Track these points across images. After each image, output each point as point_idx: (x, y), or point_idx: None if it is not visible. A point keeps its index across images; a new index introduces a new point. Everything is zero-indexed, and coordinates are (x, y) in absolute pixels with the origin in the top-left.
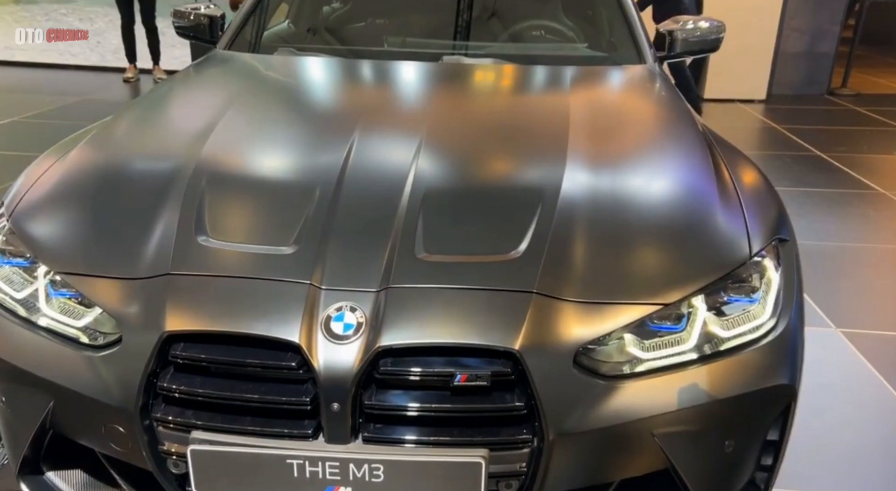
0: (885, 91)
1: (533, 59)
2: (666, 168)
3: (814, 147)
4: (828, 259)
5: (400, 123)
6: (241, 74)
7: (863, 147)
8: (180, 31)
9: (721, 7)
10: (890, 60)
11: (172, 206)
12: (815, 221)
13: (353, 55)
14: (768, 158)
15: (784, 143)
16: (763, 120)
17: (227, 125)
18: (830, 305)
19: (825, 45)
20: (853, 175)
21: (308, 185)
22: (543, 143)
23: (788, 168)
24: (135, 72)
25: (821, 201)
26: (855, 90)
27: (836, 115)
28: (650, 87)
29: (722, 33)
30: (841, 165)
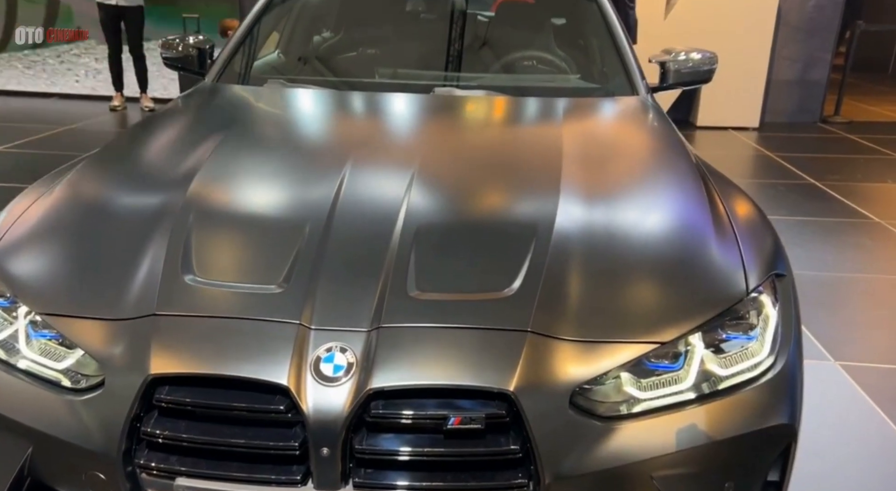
0: (878, 119)
1: (525, 90)
2: (660, 202)
3: (808, 175)
4: (825, 290)
5: (391, 157)
6: (230, 107)
7: (857, 175)
8: (168, 63)
9: (713, 35)
10: (881, 88)
11: (159, 244)
12: (811, 251)
13: (343, 87)
14: (763, 187)
15: (778, 171)
16: (757, 148)
17: (216, 160)
18: (829, 337)
19: (817, 74)
20: (848, 204)
21: (298, 221)
22: (537, 177)
23: (783, 197)
24: (121, 100)
25: (816, 231)
26: (847, 118)
27: (830, 143)
28: (643, 118)
29: (714, 65)
30: (836, 194)
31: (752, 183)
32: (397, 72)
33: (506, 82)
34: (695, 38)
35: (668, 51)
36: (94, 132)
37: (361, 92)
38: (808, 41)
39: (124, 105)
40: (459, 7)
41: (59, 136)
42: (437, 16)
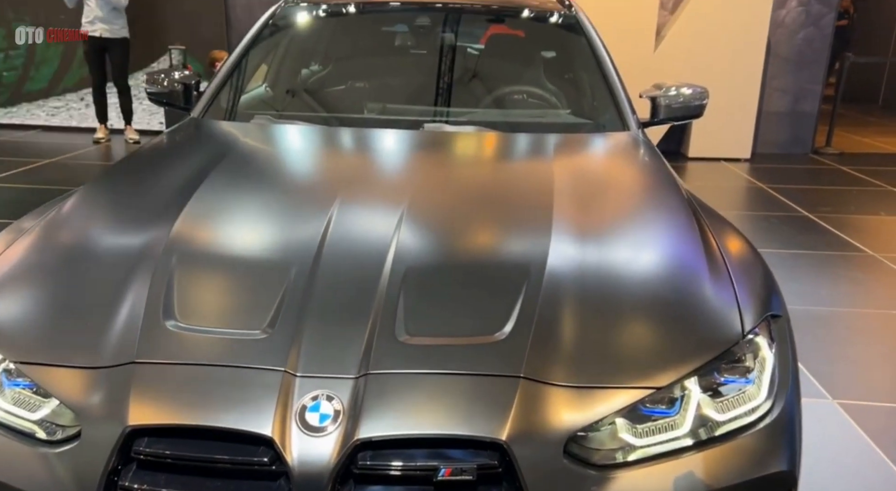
0: (869, 150)
1: (515, 126)
2: (653, 241)
3: (801, 207)
4: (820, 325)
5: (380, 196)
6: (215, 144)
7: (849, 207)
8: (153, 98)
9: (703, 66)
10: (871, 119)
11: (140, 288)
12: (805, 285)
13: (332, 123)
14: (756, 219)
15: (771, 203)
16: (749, 179)
17: (200, 199)
18: (826, 375)
19: (808, 105)
20: (841, 236)
21: (284, 263)
22: (528, 216)
23: (776, 229)
24: (105, 133)
25: (810, 264)
26: (839, 149)
27: (822, 175)
28: (634, 155)
29: (705, 100)
30: (829, 226)
31: (744, 215)
32: (386, 107)
33: (496, 118)
34: (685, 70)
35: (658, 86)
36: (75, 166)
37: (350, 128)
38: (798, 73)
39: (108, 137)
40: (448, 41)
41: (39, 170)
42: (426, 50)
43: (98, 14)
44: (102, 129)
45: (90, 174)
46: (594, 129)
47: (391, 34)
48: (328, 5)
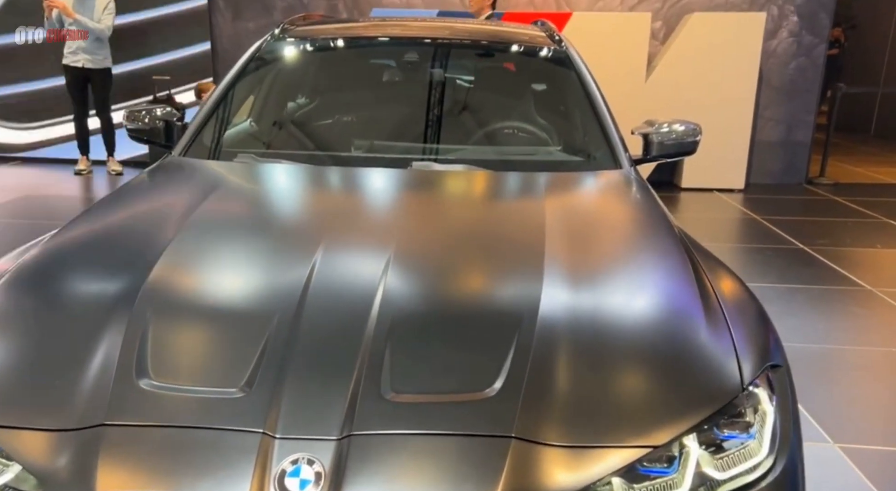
0: (863, 180)
1: (506, 164)
2: (648, 287)
3: (796, 239)
4: (819, 363)
5: (366, 241)
6: (195, 186)
7: (845, 239)
8: (133, 135)
9: (695, 96)
10: (864, 148)
11: (112, 343)
12: (802, 321)
13: (317, 162)
14: (751, 252)
15: (765, 235)
16: (743, 210)
17: (178, 246)
18: (826, 417)
19: (801, 135)
20: (838, 270)
21: (264, 314)
22: (519, 261)
23: (771, 262)
24: (87, 164)
25: (807, 299)
26: (833, 179)
27: (816, 206)
28: (627, 195)
29: (698, 136)
30: (825, 259)
31: (739, 248)
32: (374, 144)
33: (486, 155)
34: (677, 100)
35: (650, 122)
36: (54, 199)
37: (336, 167)
38: (790, 102)
39: (90, 169)
40: (437, 77)
41: (14, 203)
42: (414, 86)
43: (80, 44)
44: (84, 160)
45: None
46: (586, 168)
47: (379, 70)
48: (315, 40)
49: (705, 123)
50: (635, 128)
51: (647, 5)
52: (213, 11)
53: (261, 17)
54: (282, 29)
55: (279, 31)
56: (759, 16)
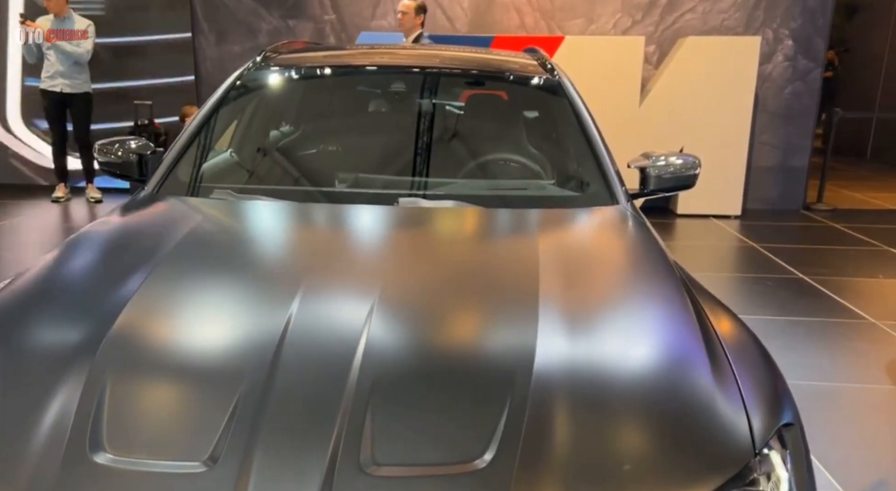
0: (861, 206)
1: (497, 200)
2: (650, 338)
3: (795, 269)
4: (824, 402)
5: (348, 287)
6: (168, 226)
7: (846, 269)
8: (105, 169)
9: (689, 121)
10: (861, 173)
11: (67, 404)
12: (805, 357)
13: (298, 198)
14: (749, 282)
15: (764, 264)
16: (740, 238)
17: (146, 294)
18: (835, 463)
19: (798, 160)
20: (840, 301)
21: (235, 373)
22: (512, 309)
23: (772, 293)
24: (65, 191)
25: (808, 332)
26: (831, 205)
27: (815, 233)
28: (624, 233)
29: (697, 169)
30: (826, 290)
31: (737, 277)
32: (358, 178)
33: (476, 190)
34: (671, 125)
35: (647, 155)
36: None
37: (318, 204)
38: (787, 127)
39: (68, 196)
40: (425, 108)
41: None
42: (401, 117)
43: (59, 68)
44: (62, 187)
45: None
46: (580, 204)
47: (365, 100)
48: (298, 68)
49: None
50: (631, 160)
51: (640, 29)
52: (197, 34)
53: (246, 41)
54: (263, 56)
55: (261, 58)
56: (753, 40)
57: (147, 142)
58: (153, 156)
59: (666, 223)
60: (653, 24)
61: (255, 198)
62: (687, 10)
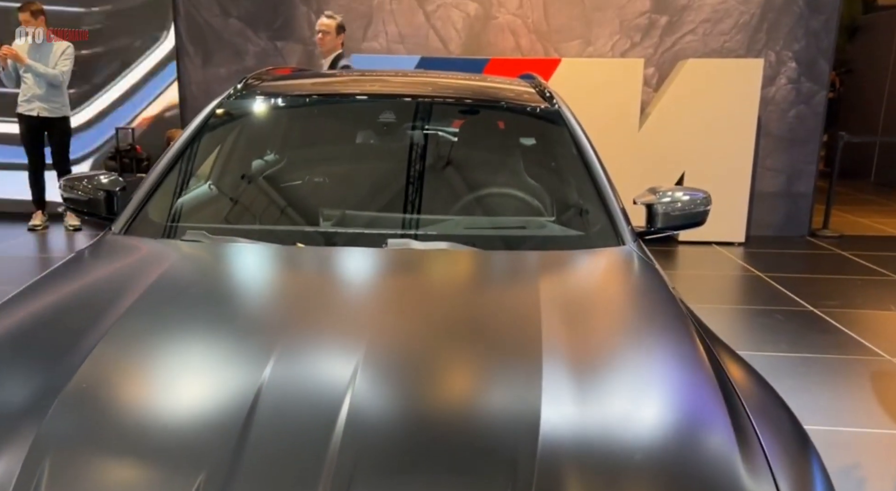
0: (868, 232)
1: (494, 241)
2: (665, 398)
3: (804, 300)
4: (844, 451)
5: (331, 344)
6: (134, 274)
7: (856, 300)
8: (71, 206)
9: (690, 145)
10: (865, 196)
11: (1, 484)
12: (820, 398)
13: (278, 239)
14: (757, 315)
15: (771, 295)
16: (744, 266)
17: (103, 354)
18: None
19: (802, 185)
20: (852, 336)
21: (197, 452)
22: (512, 367)
23: (781, 328)
24: (42, 219)
25: (822, 371)
26: (837, 231)
27: (822, 261)
28: (632, 278)
29: (708, 206)
30: (837, 323)
31: (743, 310)
32: (345, 216)
33: (471, 230)
34: (672, 149)
35: (653, 190)
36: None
37: (299, 247)
38: (791, 151)
39: (46, 224)
40: (416, 140)
41: None
42: (391, 149)
43: (35, 92)
44: (39, 215)
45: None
46: (584, 244)
47: (352, 131)
48: (281, 97)
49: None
50: (637, 196)
51: (638, 51)
52: (182, 56)
53: (232, 63)
54: (244, 84)
55: (241, 86)
56: (756, 62)
57: (117, 177)
58: (123, 192)
59: (667, 251)
60: (652, 46)
61: (231, 240)
62: (687, 32)
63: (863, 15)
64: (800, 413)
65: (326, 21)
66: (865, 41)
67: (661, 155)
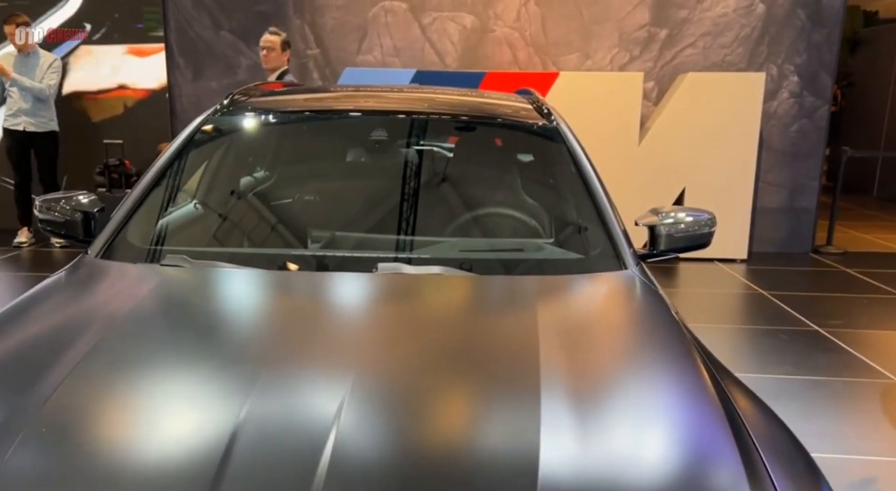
0: (872, 248)
1: (490, 266)
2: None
3: (809, 319)
4: (860, 481)
5: (316, 377)
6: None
7: (862, 319)
8: (47, 229)
9: (691, 160)
10: (868, 211)
11: None
12: (830, 424)
13: (262, 264)
14: (762, 335)
15: (775, 314)
16: (747, 284)
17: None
18: None
19: (805, 201)
20: (860, 358)
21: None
22: (510, 402)
23: (786, 348)
24: (28, 236)
25: (830, 395)
26: (841, 248)
27: (827, 279)
28: (635, 305)
29: (713, 227)
30: (843, 344)
31: (747, 330)
32: (334, 238)
33: (466, 253)
34: (672, 164)
35: (656, 211)
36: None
37: (285, 272)
38: (793, 166)
39: (32, 241)
40: (410, 159)
41: None
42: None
43: (21, 106)
44: (25, 232)
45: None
46: (584, 268)
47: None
48: (269, 113)
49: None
50: (639, 218)
51: (638, 65)
52: (172, 69)
53: (223, 77)
54: (230, 100)
55: (227, 101)
56: (758, 76)
57: (96, 198)
58: (101, 213)
59: (667, 268)
60: (651, 59)
61: (213, 265)
62: (687, 45)
63: (864, 28)
64: (808, 440)
65: (270, 37)
66: (867, 54)
67: (661, 170)
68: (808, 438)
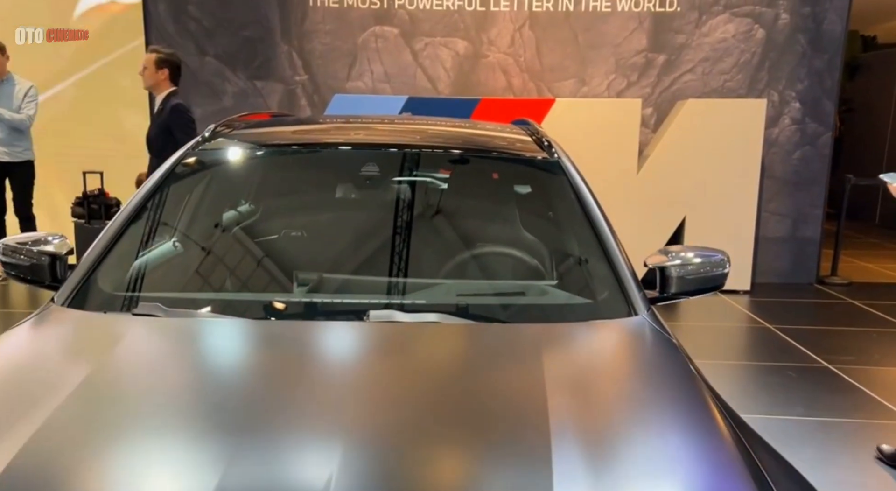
0: (878, 278)
1: (491, 311)
2: None
3: (817, 355)
4: None
5: (300, 446)
6: (73, 358)
7: (873, 354)
8: (11, 273)
9: (692, 189)
10: (872, 239)
11: None
12: (849, 473)
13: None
14: (770, 372)
15: (782, 349)
16: (751, 317)
17: (24, 460)
18: None
19: (809, 230)
20: (873, 397)
21: None
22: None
23: (795, 387)
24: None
25: (843, 437)
26: (846, 278)
27: (833, 311)
28: (646, 355)
29: (727, 268)
30: (854, 381)
31: (753, 366)
32: (322, 282)
33: (465, 298)
34: (672, 193)
35: (665, 251)
36: None
37: (268, 322)
38: (796, 195)
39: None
40: (402, 196)
41: None
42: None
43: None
44: None
45: None
46: (591, 315)
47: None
48: (252, 147)
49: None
50: (648, 258)
51: (635, 91)
52: None
53: (209, 104)
54: (212, 132)
55: (209, 134)
56: (759, 102)
57: (65, 240)
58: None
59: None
60: (649, 85)
61: (189, 313)
62: (686, 71)
63: (862, 53)
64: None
65: (147, 55)
66: (866, 79)
67: (661, 199)
68: (822, 485)
